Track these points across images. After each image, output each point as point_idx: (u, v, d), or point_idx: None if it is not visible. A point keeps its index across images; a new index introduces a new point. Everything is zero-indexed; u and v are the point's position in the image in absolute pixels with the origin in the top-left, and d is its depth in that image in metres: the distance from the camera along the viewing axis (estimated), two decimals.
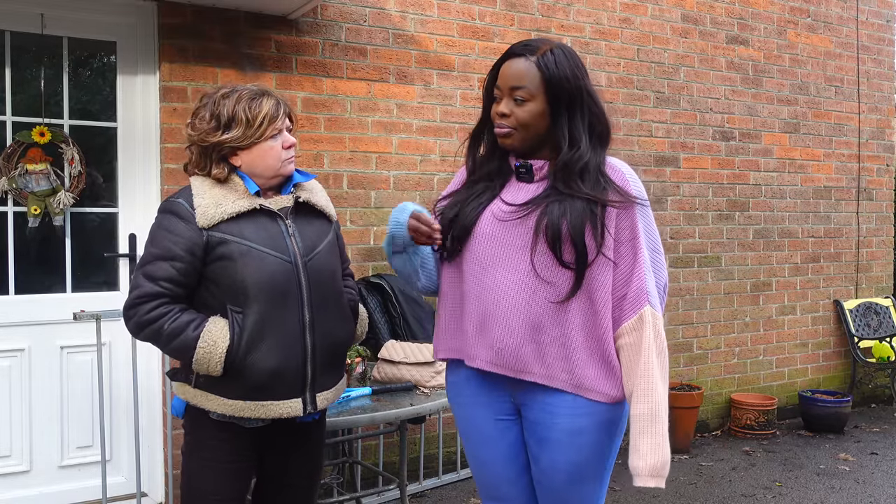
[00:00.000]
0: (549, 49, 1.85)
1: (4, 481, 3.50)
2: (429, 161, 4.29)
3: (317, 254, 2.10)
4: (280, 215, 2.07)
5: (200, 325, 1.97)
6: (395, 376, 3.10)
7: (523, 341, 1.82)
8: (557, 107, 1.84)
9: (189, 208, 1.99)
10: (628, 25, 4.97)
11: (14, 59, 3.52)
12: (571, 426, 1.84)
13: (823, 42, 5.88)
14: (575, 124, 1.85)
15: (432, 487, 4.16)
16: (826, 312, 5.96)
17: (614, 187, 1.83)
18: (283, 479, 2.21)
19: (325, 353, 2.09)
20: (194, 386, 2.05)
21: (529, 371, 1.84)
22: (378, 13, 4.13)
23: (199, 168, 2.08)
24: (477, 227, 1.89)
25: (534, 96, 1.84)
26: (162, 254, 1.97)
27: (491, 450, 1.96)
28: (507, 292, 1.83)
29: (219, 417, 2.05)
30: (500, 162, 1.95)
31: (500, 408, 1.95)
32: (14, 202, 3.50)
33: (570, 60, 1.86)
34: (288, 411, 2.03)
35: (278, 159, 2.07)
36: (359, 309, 2.33)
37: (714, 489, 4.22)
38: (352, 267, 4.02)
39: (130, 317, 1.99)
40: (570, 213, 1.78)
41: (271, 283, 1.99)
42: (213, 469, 2.08)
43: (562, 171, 1.84)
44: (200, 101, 2.10)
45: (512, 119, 1.87)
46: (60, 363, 3.61)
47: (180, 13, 3.59)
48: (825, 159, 5.92)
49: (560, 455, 1.86)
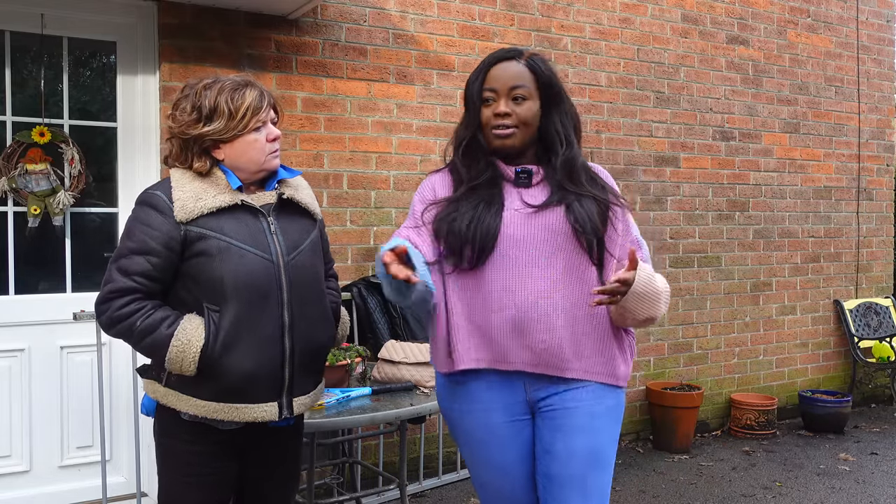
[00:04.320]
0: (531, 54, 1.96)
1: (4, 481, 3.50)
2: (429, 161, 4.29)
3: (299, 253, 2.01)
4: (262, 212, 1.98)
5: (174, 322, 1.88)
6: (395, 376, 3.10)
7: (563, 339, 1.86)
8: (547, 106, 1.94)
9: (167, 201, 1.90)
10: (628, 25, 4.97)
11: (14, 59, 3.53)
12: (592, 409, 1.89)
13: (823, 42, 5.88)
14: (564, 123, 1.95)
15: (432, 487, 4.16)
16: (826, 312, 5.96)
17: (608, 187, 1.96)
18: (257, 487, 2.13)
19: (303, 356, 2.00)
20: (165, 385, 1.95)
21: (570, 368, 1.87)
22: (378, 13, 4.13)
23: (179, 161, 1.98)
24: (501, 233, 1.88)
25: (531, 95, 1.92)
26: (137, 247, 1.88)
27: (509, 452, 1.95)
28: (544, 293, 1.84)
29: (190, 419, 1.96)
30: (490, 169, 1.95)
31: (515, 409, 1.95)
32: (14, 202, 3.50)
33: (549, 64, 1.98)
34: (263, 415, 1.94)
35: (262, 152, 1.98)
36: (340, 311, 2.26)
37: (714, 489, 4.22)
38: (352, 267, 4.07)
39: (102, 312, 1.90)
40: (590, 211, 1.87)
41: (250, 281, 1.90)
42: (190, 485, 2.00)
43: (565, 169, 1.91)
44: (182, 91, 2.00)
45: (513, 118, 1.90)
46: (60, 363, 3.61)
47: (180, 13, 3.59)
48: (825, 159, 5.92)
49: (578, 439, 1.88)
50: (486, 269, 1.88)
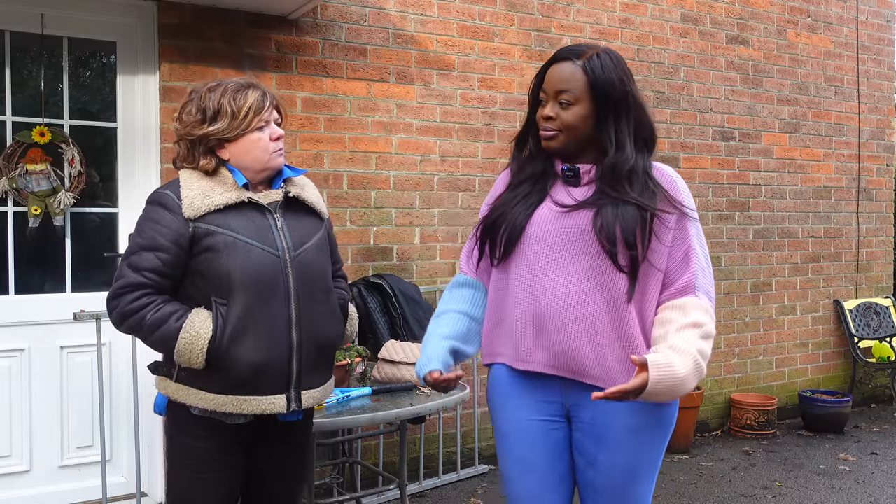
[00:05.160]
0: (595, 53, 1.86)
1: (4, 481, 3.50)
2: (429, 161, 4.29)
3: (305, 249, 2.06)
4: (269, 209, 2.04)
5: (183, 316, 1.94)
6: (395, 376, 3.10)
7: (580, 343, 1.82)
8: (603, 110, 1.85)
9: (176, 199, 1.97)
10: (628, 25, 4.97)
11: (14, 59, 3.53)
12: (630, 423, 1.84)
13: (823, 42, 5.88)
14: (620, 128, 1.85)
15: (432, 487, 4.16)
16: (826, 312, 5.96)
17: (664, 193, 1.84)
18: (266, 482, 2.15)
19: (311, 350, 2.05)
20: (176, 380, 2.00)
21: (587, 374, 1.83)
22: (378, 13, 4.13)
23: (187, 162, 2.05)
24: (527, 229, 1.89)
25: (579, 99, 1.85)
26: (147, 244, 1.95)
27: (538, 451, 1.93)
28: (561, 294, 1.83)
29: (200, 413, 2.00)
30: (545, 165, 1.95)
31: (548, 409, 1.93)
32: (14, 202, 3.50)
33: (616, 65, 1.87)
34: (271, 407, 1.99)
35: (266, 151, 2.04)
36: (349, 309, 2.29)
37: (714, 489, 4.22)
38: (352, 267, 4.07)
39: (113, 307, 1.96)
40: (624, 218, 1.79)
41: (257, 275, 1.95)
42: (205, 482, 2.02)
43: (609, 174, 1.84)
44: (188, 95, 2.08)
45: (557, 122, 1.87)
46: (60, 363, 3.61)
47: (180, 13, 3.59)
48: (825, 159, 5.92)
49: (619, 455, 1.85)
50: (511, 264, 1.91)
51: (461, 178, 4.39)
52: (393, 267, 4.18)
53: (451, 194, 4.36)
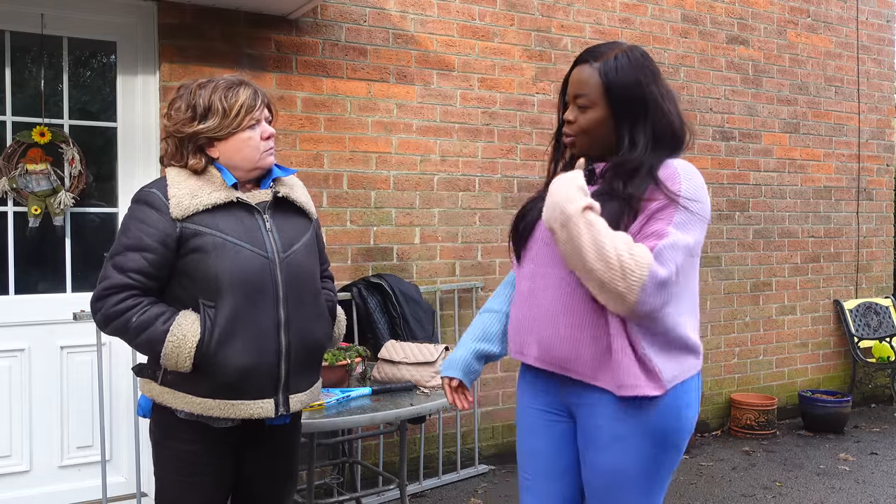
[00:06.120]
0: (614, 55, 1.83)
1: (4, 481, 3.50)
2: (429, 161, 4.29)
3: (294, 251, 2.03)
4: (258, 209, 2.00)
5: (170, 318, 1.89)
6: (395, 376, 3.10)
7: (566, 339, 1.84)
8: (620, 113, 1.82)
9: (163, 198, 1.91)
10: (628, 25, 4.97)
11: (14, 59, 3.53)
12: (612, 430, 1.83)
13: (823, 42, 5.88)
14: (637, 129, 1.82)
15: (432, 487, 4.16)
16: (826, 312, 5.96)
17: (661, 186, 1.76)
18: (254, 484, 2.12)
19: (299, 353, 2.01)
20: (161, 383, 1.95)
21: (573, 369, 1.86)
22: (378, 13, 4.13)
23: (175, 160, 2.00)
24: (535, 229, 1.93)
25: (595, 103, 1.83)
26: (133, 244, 1.89)
27: (538, 440, 1.99)
28: (551, 291, 1.86)
29: (186, 416, 1.96)
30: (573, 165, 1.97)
31: (550, 402, 1.98)
32: (14, 202, 3.50)
33: (635, 65, 1.83)
34: (259, 412, 1.95)
35: (257, 150, 2.00)
36: (337, 311, 2.27)
37: (714, 489, 4.22)
38: (352, 267, 4.07)
39: (97, 309, 1.90)
40: (609, 213, 1.75)
41: (245, 277, 1.91)
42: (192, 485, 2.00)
43: (611, 171, 1.83)
44: (177, 91, 2.02)
45: (575, 126, 1.88)
46: (60, 363, 3.61)
47: (180, 13, 3.59)
48: (825, 159, 5.92)
49: (600, 457, 1.86)
50: (524, 262, 1.96)
51: (461, 178, 4.39)
52: (393, 267, 4.18)
53: (451, 194, 4.36)
